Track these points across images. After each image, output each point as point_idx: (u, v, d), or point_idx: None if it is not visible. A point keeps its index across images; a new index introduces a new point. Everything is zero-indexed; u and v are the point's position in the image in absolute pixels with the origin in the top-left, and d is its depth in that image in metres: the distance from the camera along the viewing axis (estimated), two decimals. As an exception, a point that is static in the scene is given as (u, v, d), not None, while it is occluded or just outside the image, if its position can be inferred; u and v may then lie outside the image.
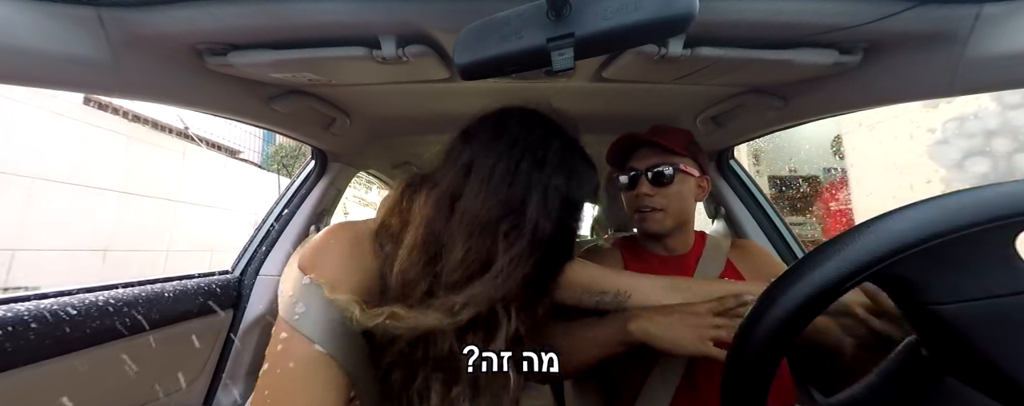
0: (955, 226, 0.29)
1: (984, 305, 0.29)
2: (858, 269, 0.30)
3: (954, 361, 0.31)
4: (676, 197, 0.87)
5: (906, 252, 0.30)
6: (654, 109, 1.04)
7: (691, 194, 0.90)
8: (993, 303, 0.29)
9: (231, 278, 1.13)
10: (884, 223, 0.31)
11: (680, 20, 0.38)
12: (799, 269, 0.33)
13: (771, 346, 0.33)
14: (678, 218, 0.89)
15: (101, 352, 0.75)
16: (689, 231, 0.94)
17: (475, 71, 0.44)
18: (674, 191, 0.87)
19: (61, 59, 0.53)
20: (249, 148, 7.58)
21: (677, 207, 0.88)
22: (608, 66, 0.74)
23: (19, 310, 0.66)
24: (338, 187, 1.32)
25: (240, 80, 0.75)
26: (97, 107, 4.55)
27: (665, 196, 0.87)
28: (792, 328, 0.32)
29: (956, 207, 0.30)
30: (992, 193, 0.30)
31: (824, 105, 0.83)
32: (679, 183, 0.87)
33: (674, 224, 0.89)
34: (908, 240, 0.30)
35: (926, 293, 0.31)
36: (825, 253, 0.32)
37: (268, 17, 0.56)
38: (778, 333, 0.33)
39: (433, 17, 0.57)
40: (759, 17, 0.57)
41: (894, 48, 0.64)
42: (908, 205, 0.32)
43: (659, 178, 0.87)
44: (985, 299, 0.30)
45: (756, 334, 0.34)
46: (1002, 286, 0.29)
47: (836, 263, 0.31)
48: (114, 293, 0.81)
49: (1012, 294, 0.29)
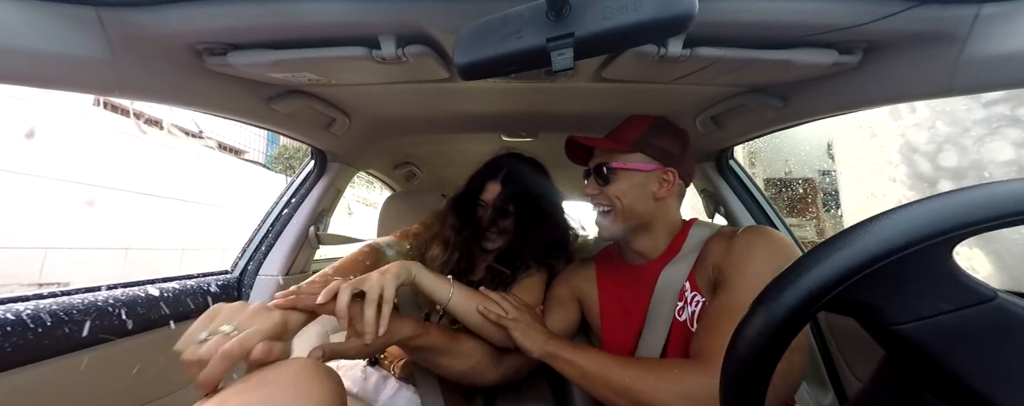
0: (892, 249, 0.30)
1: (937, 322, 0.30)
2: (812, 299, 0.31)
3: (924, 378, 0.31)
4: (619, 196, 0.82)
5: (853, 278, 0.30)
6: (654, 109, 1.04)
7: (643, 191, 0.82)
8: (944, 319, 0.30)
9: (231, 278, 1.13)
10: (828, 252, 0.32)
11: (680, 20, 0.38)
12: (757, 306, 0.34)
13: (745, 381, 0.34)
14: (630, 218, 0.83)
15: (101, 352, 0.75)
16: (657, 232, 0.86)
17: (475, 71, 0.44)
18: (617, 189, 0.82)
19: (60, 59, 0.53)
20: (254, 148, 7.64)
21: (625, 206, 0.82)
22: (608, 66, 0.74)
23: (19, 310, 0.66)
24: (338, 187, 1.31)
25: (239, 80, 0.74)
26: (113, 110, 4.76)
27: (608, 195, 0.83)
28: (764, 363, 0.33)
29: (890, 230, 0.30)
30: (920, 211, 0.30)
31: (823, 105, 0.83)
32: (623, 180, 0.82)
33: (627, 225, 0.84)
34: (852, 266, 0.30)
35: (883, 315, 0.31)
36: (778, 287, 0.33)
37: (267, 17, 0.56)
38: (749, 368, 0.34)
39: (433, 17, 0.57)
40: (758, 17, 0.57)
41: (893, 48, 0.64)
42: (848, 229, 0.32)
43: (600, 175, 0.84)
44: (936, 316, 0.30)
45: (730, 372, 0.35)
46: (949, 301, 0.30)
47: (791, 294, 0.32)
48: (114, 293, 0.81)
49: (959, 309, 0.30)
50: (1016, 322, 0.29)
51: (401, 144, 1.46)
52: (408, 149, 1.58)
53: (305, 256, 1.27)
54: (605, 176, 0.83)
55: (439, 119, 1.14)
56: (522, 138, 1.32)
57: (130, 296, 0.82)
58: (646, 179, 0.82)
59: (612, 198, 0.82)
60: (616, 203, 0.82)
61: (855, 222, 0.32)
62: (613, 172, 0.82)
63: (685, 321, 0.78)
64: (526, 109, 1.07)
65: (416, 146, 1.53)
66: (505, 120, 1.17)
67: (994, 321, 0.29)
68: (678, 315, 0.80)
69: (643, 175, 0.82)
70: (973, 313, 0.29)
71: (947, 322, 0.30)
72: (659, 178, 0.83)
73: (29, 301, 0.69)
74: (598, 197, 0.85)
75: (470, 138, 1.39)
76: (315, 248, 1.29)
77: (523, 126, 1.25)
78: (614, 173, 0.82)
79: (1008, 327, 0.29)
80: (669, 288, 0.81)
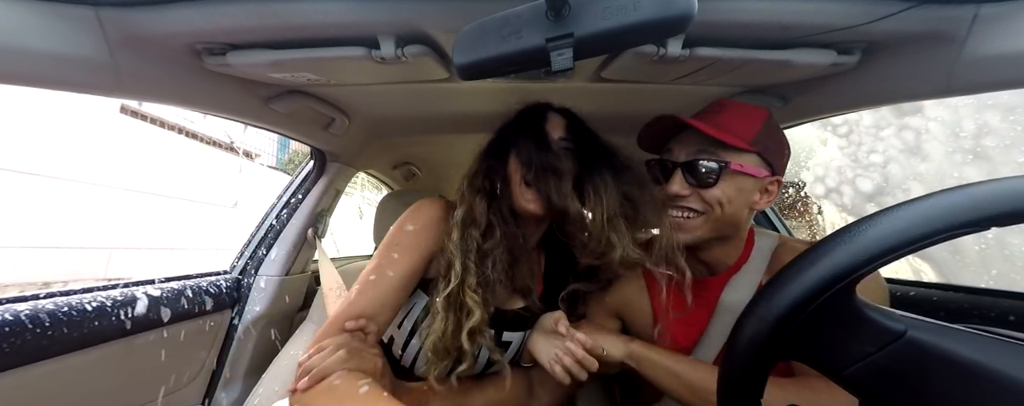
0: (799, 304, 0.30)
1: (871, 364, 0.30)
2: (764, 354, 0.32)
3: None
4: (722, 202, 0.67)
5: (786, 333, 0.31)
6: (653, 109, 1.04)
7: (746, 200, 0.69)
8: (876, 360, 0.30)
9: (230, 278, 1.12)
10: (756, 308, 0.33)
11: (679, 20, 0.38)
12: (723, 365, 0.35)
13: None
14: (720, 228, 0.70)
15: (101, 352, 0.75)
16: (736, 244, 0.74)
17: (474, 71, 0.44)
18: (719, 195, 0.67)
19: (59, 59, 0.53)
20: (266, 152, 7.90)
21: (723, 215, 0.68)
22: (607, 66, 0.74)
23: (19, 310, 0.66)
24: (337, 187, 1.31)
25: (239, 80, 0.74)
26: (161, 125, 5.60)
27: (705, 199, 0.68)
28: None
29: (795, 287, 0.31)
30: (808, 267, 0.30)
31: (822, 105, 0.83)
32: (728, 184, 0.67)
33: (713, 234, 0.70)
34: (780, 316, 0.31)
35: (828, 363, 0.32)
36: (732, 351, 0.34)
37: (267, 17, 0.56)
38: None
39: (432, 17, 0.57)
40: (758, 17, 0.57)
41: (892, 48, 0.64)
42: (760, 292, 0.33)
43: (699, 174, 0.67)
44: (868, 358, 0.30)
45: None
46: (871, 343, 0.30)
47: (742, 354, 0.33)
48: (114, 293, 0.81)
49: (882, 348, 0.30)
50: (926, 354, 0.29)
51: (400, 144, 1.46)
52: (407, 149, 1.58)
53: (305, 256, 1.27)
54: (712, 176, 0.67)
55: (439, 119, 1.14)
56: (522, 138, 1.32)
57: (129, 296, 0.82)
58: (753, 186, 0.69)
59: (713, 202, 0.68)
60: (716, 209, 0.68)
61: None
62: (726, 172, 0.67)
63: None
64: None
65: (415, 146, 1.52)
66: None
67: (909, 357, 0.29)
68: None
69: (753, 181, 0.68)
70: (895, 350, 0.30)
71: (879, 362, 0.30)
72: (765, 187, 0.70)
73: (29, 301, 0.69)
74: (689, 198, 0.69)
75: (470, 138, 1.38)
76: (314, 248, 1.29)
77: (523, 126, 1.25)
78: (726, 173, 0.67)
79: (921, 362, 0.29)
80: (733, 306, 0.71)
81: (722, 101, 0.74)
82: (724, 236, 0.72)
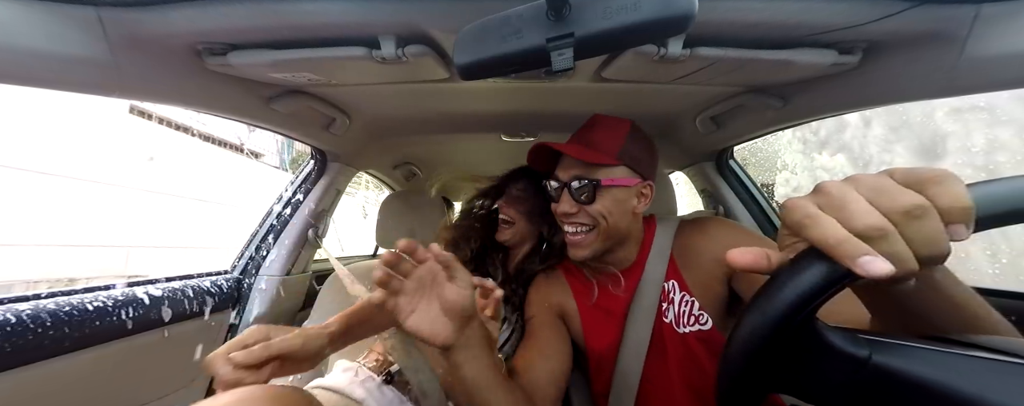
0: (763, 340, 0.30)
1: (847, 393, 0.30)
2: (752, 396, 0.32)
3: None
4: (605, 215, 0.74)
5: (763, 368, 0.31)
6: (653, 109, 1.04)
7: (626, 208, 0.76)
8: (846, 391, 0.30)
9: (231, 278, 1.13)
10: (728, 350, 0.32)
11: (680, 20, 0.38)
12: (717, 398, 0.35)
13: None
14: (612, 236, 0.77)
15: (101, 352, 0.75)
16: (630, 244, 0.82)
17: (475, 71, 0.44)
18: (600, 209, 0.74)
19: (60, 59, 0.53)
20: (271, 152, 8.00)
21: (610, 226, 0.75)
22: (608, 66, 0.74)
23: (20, 310, 0.66)
24: (338, 187, 1.31)
25: (239, 80, 0.75)
26: (184, 131, 5.93)
27: (591, 214, 0.75)
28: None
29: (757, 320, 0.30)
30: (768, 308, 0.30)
31: (823, 105, 0.83)
32: (605, 198, 0.74)
33: (605, 245, 0.78)
34: (752, 353, 0.31)
35: (810, 394, 0.32)
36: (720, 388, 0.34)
37: (267, 17, 0.56)
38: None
39: (433, 17, 0.57)
40: (758, 17, 0.57)
41: (893, 48, 0.64)
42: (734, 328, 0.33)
43: (578, 194, 0.75)
44: (839, 389, 0.30)
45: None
46: (840, 371, 0.30)
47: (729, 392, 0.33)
48: (114, 293, 0.81)
49: (852, 376, 0.30)
50: (892, 379, 0.29)
51: (401, 144, 1.46)
52: (408, 149, 1.58)
53: (305, 256, 1.27)
54: (589, 193, 0.74)
55: (439, 119, 1.14)
56: (522, 138, 1.32)
57: (130, 296, 0.82)
58: (628, 194, 0.76)
59: (598, 216, 0.74)
60: (601, 222, 0.75)
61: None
62: (600, 188, 0.73)
63: (671, 322, 0.77)
64: (526, 109, 1.07)
65: (416, 146, 1.52)
66: (505, 120, 1.17)
67: (877, 385, 0.29)
68: (663, 316, 0.78)
69: (626, 191, 0.75)
70: (864, 377, 0.29)
71: (854, 390, 0.30)
72: (639, 192, 0.78)
73: (29, 301, 0.69)
74: (576, 215, 0.76)
75: (470, 138, 1.39)
76: (315, 248, 1.29)
77: (523, 126, 1.25)
78: (600, 189, 0.74)
79: (888, 389, 0.29)
80: (647, 288, 0.79)
81: (596, 116, 0.81)
82: (619, 242, 0.80)
